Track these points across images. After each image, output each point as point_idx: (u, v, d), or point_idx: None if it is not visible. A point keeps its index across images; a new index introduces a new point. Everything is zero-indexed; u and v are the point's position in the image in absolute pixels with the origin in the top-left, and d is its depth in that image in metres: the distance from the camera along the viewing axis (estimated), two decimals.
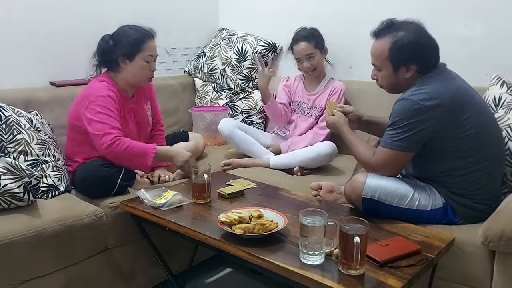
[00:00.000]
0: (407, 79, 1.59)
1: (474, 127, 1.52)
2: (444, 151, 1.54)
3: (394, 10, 2.36)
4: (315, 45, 2.34)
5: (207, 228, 1.48)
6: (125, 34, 1.95)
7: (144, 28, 1.97)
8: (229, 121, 2.43)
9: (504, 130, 1.69)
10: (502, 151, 1.65)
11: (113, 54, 1.94)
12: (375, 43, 1.63)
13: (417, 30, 1.57)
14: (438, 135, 1.51)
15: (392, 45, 1.56)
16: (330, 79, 2.44)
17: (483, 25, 2.13)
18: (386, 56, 1.58)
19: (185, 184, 1.95)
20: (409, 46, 1.54)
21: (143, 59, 1.94)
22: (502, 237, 1.36)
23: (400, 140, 1.52)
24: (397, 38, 1.56)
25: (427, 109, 1.48)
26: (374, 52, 1.63)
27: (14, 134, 1.77)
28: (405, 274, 1.20)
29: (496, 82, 1.86)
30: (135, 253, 1.88)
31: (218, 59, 2.89)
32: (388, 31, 1.59)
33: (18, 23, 2.18)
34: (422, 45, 1.55)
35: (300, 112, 2.47)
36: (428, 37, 1.58)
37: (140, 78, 2.00)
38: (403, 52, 1.55)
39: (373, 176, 1.57)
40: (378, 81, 1.68)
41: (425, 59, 1.57)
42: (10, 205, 1.60)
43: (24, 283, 1.55)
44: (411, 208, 1.54)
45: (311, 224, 1.24)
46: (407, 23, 1.60)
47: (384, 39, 1.58)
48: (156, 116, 2.23)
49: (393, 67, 1.59)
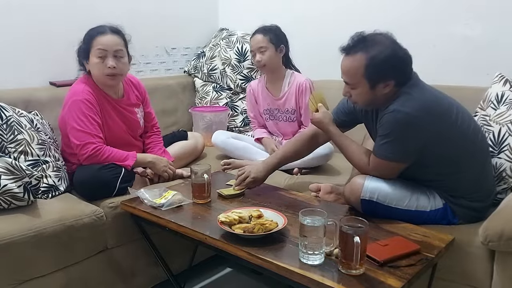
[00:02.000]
0: (384, 95, 1.52)
1: (461, 126, 1.53)
2: (437, 155, 1.54)
3: (394, 10, 2.38)
4: (269, 40, 2.29)
5: (207, 228, 1.48)
6: (84, 36, 1.94)
7: (104, 26, 1.94)
8: (221, 133, 2.45)
9: (505, 125, 1.71)
10: (487, 145, 1.66)
11: (79, 59, 1.96)
12: (346, 60, 1.53)
13: (391, 43, 1.50)
14: (432, 142, 1.51)
15: (369, 61, 1.47)
16: (291, 74, 2.38)
17: (483, 25, 2.13)
18: (362, 73, 1.49)
19: (185, 184, 1.95)
20: (387, 61, 1.46)
21: (94, 55, 1.90)
22: (502, 237, 1.36)
23: (394, 152, 1.51)
24: (373, 53, 1.47)
25: (419, 120, 1.46)
26: (347, 70, 1.53)
27: (14, 134, 1.77)
28: (405, 274, 1.20)
29: (499, 80, 1.88)
30: (135, 253, 1.88)
31: (218, 59, 2.89)
32: (361, 47, 1.49)
33: (18, 23, 2.18)
34: (399, 59, 1.49)
35: (275, 118, 2.44)
36: (402, 49, 1.51)
37: (99, 76, 1.93)
38: (381, 69, 1.47)
39: (372, 177, 1.57)
40: (351, 98, 1.59)
41: (403, 73, 1.51)
42: (10, 205, 1.60)
43: (24, 283, 1.55)
44: (410, 209, 1.54)
45: (311, 224, 1.24)
46: (379, 36, 1.51)
47: (357, 56, 1.49)
48: (151, 121, 2.22)
49: (370, 84, 1.50)
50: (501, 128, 1.72)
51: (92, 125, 1.87)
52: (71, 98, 1.89)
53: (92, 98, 1.90)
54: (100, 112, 1.93)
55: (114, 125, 1.99)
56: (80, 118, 1.85)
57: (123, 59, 1.95)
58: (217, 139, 2.41)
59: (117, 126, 2.01)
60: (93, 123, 1.87)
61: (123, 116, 2.04)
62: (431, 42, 2.28)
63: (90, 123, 1.86)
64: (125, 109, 2.05)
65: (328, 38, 2.45)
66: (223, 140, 2.39)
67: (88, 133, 1.85)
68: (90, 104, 1.89)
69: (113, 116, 2.00)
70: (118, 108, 2.02)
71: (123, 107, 2.04)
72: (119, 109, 2.02)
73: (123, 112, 2.04)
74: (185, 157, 2.29)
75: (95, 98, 1.92)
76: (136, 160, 1.91)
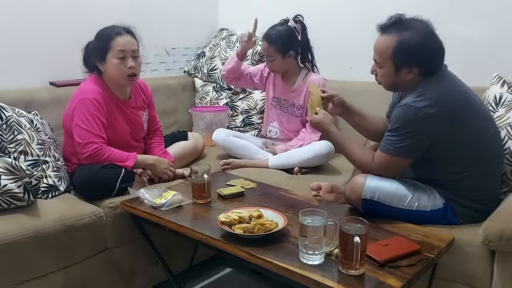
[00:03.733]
0: (407, 81, 1.54)
1: (475, 130, 1.51)
2: (444, 155, 1.53)
3: (394, 10, 2.37)
4: (276, 50, 2.27)
5: (207, 228, 1.48)
6: (96, 36, 1.93)
7: (118, 26, 1.93)
8: (221, 131, 2.44)
9: (504, 129, 1.69)
10: (501, 151, 1.64)
11: (91, 59, 1.94)
12: (380, 39, 1.56)
13: (425, 32, 1.51)
14: (440, 140, 1.50)
15: (398, 44, 1.49)
16: (306, 73, 2.38)
17: (483, 25, 2.13)
18: (389, 54, 1.52)
19: (185, 184, 1.95)
20: (415, 48, 1.48)
21: (114, 56, 1.89)
22: (502, 237, 1.36)
23: (402, 147, 1.50)
24: (404, 37, 1.49)
25: (430, 117, 1.45)
26: (377, 48, 1.56)
27: (14, 134, 1.77)
28: (405, 274, 1.20)
29: (496, 81, 1.86)
30: (135, 253, 1.88)
31: (218, 59, 2.89)
32: (395, 28, 1.52)
33: (18, 23, 2.18)
34: (429, 48, 1.50)
35: (280, 109, 2.45)
36: (436, 40, 1.52)
37: (118, 78, 1.94)
38: (408, 54, 1.49)
39: (373, 177, 1.56)
40: (376, 77, 1.63)
41: (429, 63, 1.51)
42: (10, 205, 1.60)
43: (24, 283, 1.55)
44: (411, 208, 1.54)
45: (311, 224, 1.24)
46: (417, 21, 1.53)
47: (390, 36, 1.52)
48: (154, 125, 2.22)
49: (395, 66, 1.53)
50: (500, 131, 1.70)
51: (97, 125, 1.87)
52: (79, 96, 1.89)
53: (100, 98, 1.90)
54: (107, 112, 1.93)
55: (119, 126, 2.00)
56: (86, 116, 1.85)
57: (138, 59, 1.96)
58: (218, 137, 2.40)
59: (122, 127, 2.01)
60: (98, 123, 1.87)
61: (128, 118, 2.05)
62: None
63: (95, 122, 1.86)
64: (131, 111, 2.06)
65: (328, 38, 2.47)
66: (223, 138, 2.38)
67: (92, 132, 1.85)
68: (98, 104, 1.89)
69: (119, 117, 2.00)
70: (124, 110, 2.02)
71: (129, 109, 2.05)
72: (125, 111, 2.03)
73: (129, 114, 2.05)
74: (185, 158, 2.29)
75: (103, 98, 1.92)
76: (137, 161, 1.91)
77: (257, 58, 2.80)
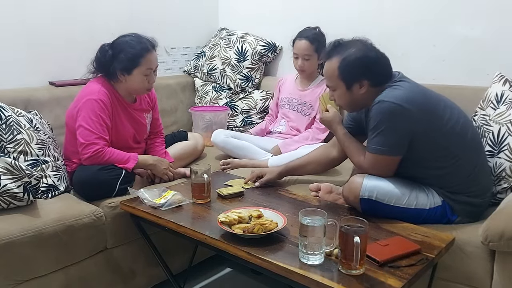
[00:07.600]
0: (362, 95, 1.60)
1: (451, 121, 1.55)
2: (428, 152, 1.55)
3: (394, 12, 2.38)
4: (315, 49, 2.34)
5: (206, 228, 1.48)
6: (124, 47, 1.90)
7: (145, 40, 1.93)
8: (220, 132, 2.45)
9: (505, 125, 1.72)
10: (478, 140, 1.67)
11: (111, 66, 1.92)
12: (326, 65, 1.65)
13: (364, 46, 1.59)
14: (421, 136, 1.52)
15: (341, 63, 1.58)
16: (322, 79, 2.42)
17: (483, 25, 2.13)
18: (337, 75, 1.60)
19: (184, 184, 1.95)
20: (358, 61, 1.56)
21: (141, 73, 1.92)
22: (502, 237, 1.36)
23: (385, 145, 1.53)
24: (345, 55, 1.58)
25: (405, 110, 1.49)
26: (326, 73, 1.65)
27: (14, 134, 1.77)
28: (405, 274, 1.20)
29: (499, 79, 1.88)
30: (135, 253, 1.88)
31: (217, 59, 2.89)
32: (336, 51, 1.61)
33: (18, 24, 2.18)
34: (370, 59, 1.57)
35: (290, 107, 2.48)
36: (376, 50, 1.60)
37: (138, 90, 2.00)
38: (352, 68, 1.57)
39: (370, 176, 1.57)
40: (335, 102, 1.70)
41: (376, 73, 1.58)
42: (10, 205, 1.60)
43: (23, 283, 1.55)
44: (409, 207, 1.54)
45: (311, 224, 1.24)
46: (354, 40, 1.62)
47: (333, 59, 1.60)
48: (157, 128, 2.23)
49: (346, 85, 1.60)
50: (500, 127, 1.72)
51: (101, 126, 1.87)
52: (86, 96, 1.89)
53: (107, 99, 1.90)
54: (112, 114, 1.93)
55: (123, 128, 2.00)
56: (91, 117, 1.85)
57: (156, 71, 2.01)
58: (217, 138, 2.40)
59: (126, 129, 2.02)
60: (102, 124, 1.87)
61: (133, 120, 2.05)
62: (431, 42, 2.28)
63: (99, 124, 1.86)
64: (136, 114, 2.06)
65: (327, 38, 2.46)
66: (222, 139, 2.39)
67: (95, 133, 1.84)
68: (104, 106, 1.89)
69: (124, 119, 2.00)
70: (129, 112, 2.03)
71: (134, 111, 2.05)
72: (130, 113, 2.03)
73: (134, 116, 2.05)
74: (185, 158, 2.29)
75: (110, 100, 1.92)
76: (137, 162, 1.91)
77: (257, 58, 2.81)
